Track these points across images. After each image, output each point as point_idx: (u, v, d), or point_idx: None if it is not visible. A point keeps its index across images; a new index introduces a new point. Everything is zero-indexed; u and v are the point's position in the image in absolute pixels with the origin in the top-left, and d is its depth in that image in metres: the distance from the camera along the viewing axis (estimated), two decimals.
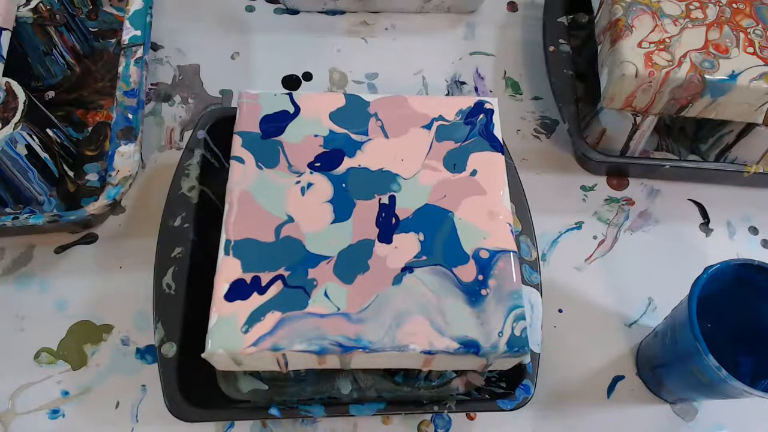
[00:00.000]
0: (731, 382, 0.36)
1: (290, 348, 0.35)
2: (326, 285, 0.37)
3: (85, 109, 0.54)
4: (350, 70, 0.59)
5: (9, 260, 0.48)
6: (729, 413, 0.46)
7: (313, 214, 0.39)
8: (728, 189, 0.55)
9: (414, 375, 0.42)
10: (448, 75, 0.60)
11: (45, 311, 0.47)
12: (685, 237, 0.53)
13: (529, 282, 0.43)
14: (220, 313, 0.36)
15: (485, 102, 0.44)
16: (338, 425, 0.44)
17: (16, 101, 0.45)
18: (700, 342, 0.37)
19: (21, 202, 0.48)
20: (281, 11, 0.62)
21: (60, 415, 0.43)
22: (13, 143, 0.44)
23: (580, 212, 0.53)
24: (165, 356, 0.39)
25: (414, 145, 0.42)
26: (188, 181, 0.45)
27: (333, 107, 0.43)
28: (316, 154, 0.41)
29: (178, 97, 0.57)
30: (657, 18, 0.48)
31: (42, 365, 0.45)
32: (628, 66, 0.46)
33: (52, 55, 0.53)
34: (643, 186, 0.55)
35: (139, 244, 0.49)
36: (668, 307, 0.43)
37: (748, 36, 0.48)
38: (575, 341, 0.48)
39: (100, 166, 0.51)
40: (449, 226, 0.39)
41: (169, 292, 0.41)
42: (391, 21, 0.62)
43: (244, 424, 0.44)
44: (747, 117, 0.48)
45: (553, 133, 0.57)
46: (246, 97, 0.43)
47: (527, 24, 0.63)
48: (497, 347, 0.36)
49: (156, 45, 0.59)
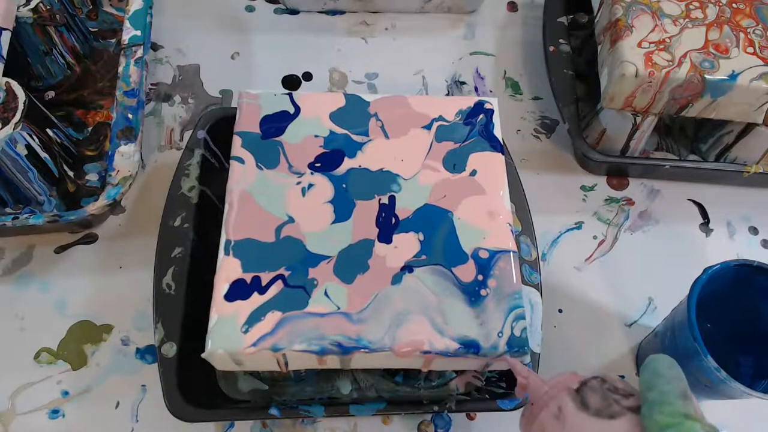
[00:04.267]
0: (730, 383, 0.36)
1: (290, 348, 0.35)
2: (326, 285, 0.37)
3: (85, 109, 0.54)
4: (350, 70, 0.59)
5: (9, 260, 0.48)
6: (729, 413, 0.46)
7: (313, 215, 0.39)
8: (728, 189, 0.55)
9: (414, 375, 0.42)
10: (448, 75, 0.60)
11: (45, 311, 0.47)
12: (685, 237, 0.53)
13: (529, 282, 0.43)
14: (220, 313, 0.36)
15: (485, 102, 0.44)
16: (338, 425, 0.44)
17: (16, 101, 0.45)
18: (699, 343, 0.37)
19: (21, 202, 0.48)
20: (281, 11, 0.62)
21: (60, 415, 0.43)
22: (13, 143, 0.44)
23: (580, 212, 0.53)
24: (165, 356, 0.39)
25: (414, 146, 0.42)
26: (188, 181, 0.45)
27: (333, 107, 0.43)
28: (316, 154, 0.41)
29: (178, 97, 0.57)
30: (657, 18, 0.48)
31: (42, 365, 0.45)
32: (628, 66, 0.46)
33: (52, 55, 0.53)
34: (643, 186, 0.55)
35: (139, 244, 0.49)
36: (668, 307, 0.43)
37: (748, 36, 0.48)
38: (575, 341, 0.48)
39: (100, 166, 0.51)
40: (449, 226, 0.39)
41: (169, 292, 0.41)
42: (391, 21, 0.62)
43: (244, 424, 0.44)
44: (747, 117, 0.48)
45: (553, 133, 0.57)
46: (246, 97, 0.43)
47: (527, 24, 0.63)
48: (497, 347, 0.36)
49: (156, 45, 0.59)
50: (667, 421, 0.26)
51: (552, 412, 0.30)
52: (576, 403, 0.29)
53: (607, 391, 0.30)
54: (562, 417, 0.29)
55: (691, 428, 0.26)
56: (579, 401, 0.29)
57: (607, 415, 0.28)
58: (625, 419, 0.28)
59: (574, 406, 0.29)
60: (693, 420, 0.26)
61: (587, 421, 0.29)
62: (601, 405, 0.29)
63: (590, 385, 0.30)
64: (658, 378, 0.28)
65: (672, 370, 0.29)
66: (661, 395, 0.27)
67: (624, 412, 0.28)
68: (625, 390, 0.30)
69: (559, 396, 0.30)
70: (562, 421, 0.29)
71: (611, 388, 0.30)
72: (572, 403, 0.30)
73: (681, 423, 0.26)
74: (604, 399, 0.29)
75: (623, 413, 0.28)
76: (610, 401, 0.29)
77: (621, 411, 0.28)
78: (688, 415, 0.26)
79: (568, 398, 0.30)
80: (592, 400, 0.29)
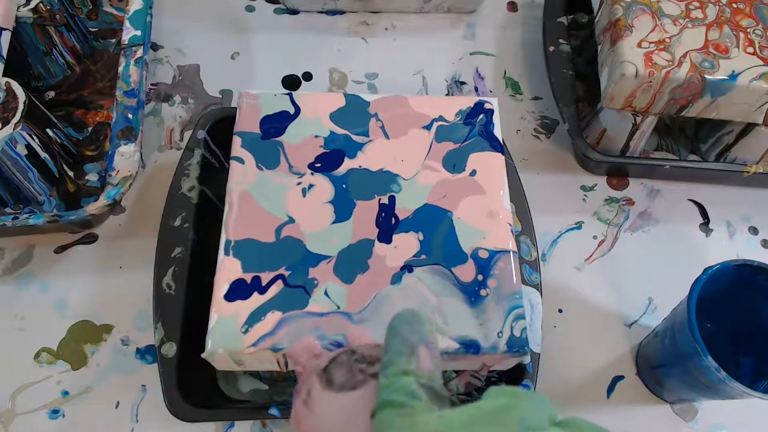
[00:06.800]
0: (730, 383, 0.36)
1: (290, 348, 0.35)
2: (326, 285, 0.37)
3: (85, 109, 0.54)
4: (350, 70, 0.59)
5: (9, 260, 0.48)
6: (729, 413, 0.46)
7: (313, 215, 0.39)
8: (728, 189, 0.55)
9: None
10: (448, 75, 0.60)
11: (45, 311, 0.47)
12: (685, 237, 0.53)
13: (529, 282, 0.43)
14: (220, 313, 0.36)
15: (485, 102, 0.44)
16: None
17: (16, 101, 0.45)
18: (699, 343, 0.37)
19: (21, 202, 0.48)
20: (281, 11, 0.62)
21: (60, 415, 0.43)
22: (13, 143, 0.44)
23: (580, 212, 0.53)
24: (165, 356, 0.39)
25: (414, 146, 0.42)
26: (188, 181, 0.45)
27: (333, 107, 0.43)
28: (316, 154, 0.41)
29: (178, 97, 0.57)
30: (657, 18, 0.48)
31: (42, 365, 0.45)
32: (628, 66, 0.46)
33: (52, 55, 0.53)
34: (643, 186, 0.55)
35: (139, 244, 0.49)
36: (668, 307, 0.43)
37: (748, 36, 0.48)
38: (575, 341, 0.48)
39: (100, 166, 0.51)
40: (448, 226, 0.39)
41: (169, 292, 0.41)
42: (391, 21, 0.62)
43: (244, 424, 0.44)
44: (747, 117, 0.48)
45: (553, 133, 0.57)
46: (246, 97, 0.43)
47: (527, 24, 0.63)
48: (497, 347, 0.36)
49: (156, 45, 0.59)
50: (386, 382, 0.25)
51: (302, 399, 0.28)
52: (322, 383, 0.28)
53: (354, 362, 0.28)
54: (310, 401, 0.28)
55: (404, 384, 0.24)
56: (325, 379, 0.28)
57: (350, 387, 0.27)
58: (366, 386, 0.27)
59: (320, 386, 0.28)
60: (409, 375, 0.25)
61: (332, 398, 0.27)
62: (346, 378, 0.28)
63: (338, 360, 0.29)
64: (395, 337, 0.27)
65: (410, 325, 0.27)
66: (391, 356, 0.26)
67: (366, 379, 0.27)
68: (372, 357, 0.28)
69: (308, 380, 0.29)
70: (310, 405, 0.28)
71: (358, 358, 0.28)
72: (319, 383, 0.28)
73: (396, 381, 0.25)
74: (350, 371, 0.28)
75: (366, 381, 0.27)
76: (355, 372, 0.28)
77: (364, 379, 0.27)
78: (406, 372, 0.25)
79: (316, 379, 0.28)
80: (337, 376, 0.28)
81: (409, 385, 0.24)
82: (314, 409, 0.28)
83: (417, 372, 0.25)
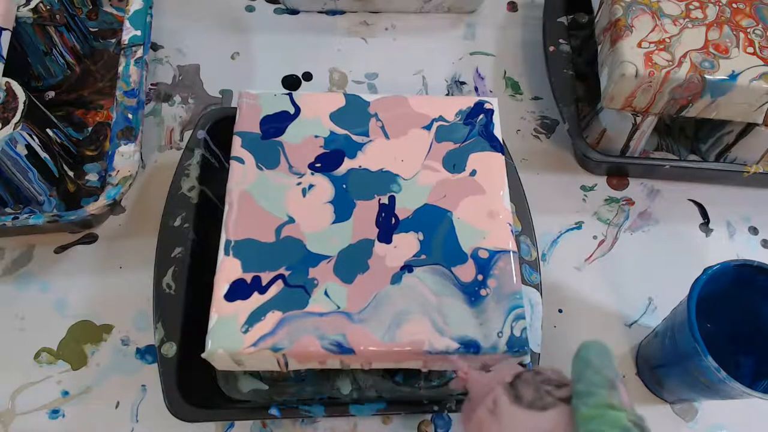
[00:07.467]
0: (730, 383, 0.36)
1: (290, 348, 0.35)
2: (326, 284, 0.37)
3: (85, 109, 0.54)
4: (350, 70, 0.59)
5: (9, 260, 0.48)
6: (729, 413, 0.46)
7: (313, 215, 0.39)
8: (728, 189, 0.55)
9: (414, 375, 0.42)
10: (448, 75, 0.60)
11: (45, 311, 0.47)
12: (685, 237, 0.53)
13: (529, 282, 0.43)
14: (220, 313, 0.36)
15: (485, 102, 0.44)
16: (338, 425, 0.44)
17: (16, 101, 0.45)
18: (699, 343, 0.37)
19: (21, 202, 0.48)
20: (281, 11, 0.62)
21: (60, 415, 0.43)
22: (13, 143, 0.44)
23: (580, 212, 0.53)
24: (165, 356, 0.39)
25: (414, 146, 0.42)
26: (188, 181, 0.45)
27: (333, 107, 0.43)
28: (316, 154, 0.41)
29: (178, 97, 0.57)
30: (657, 18, 0.48)
31: (42, 365, 0.45)
32: (628, 66, 0.46)
33: (52, 55, 0.53)
34: (643, 186, 0.55)
35: (139, 244, 0.49)
36: (668, 307, 0.43)
37: (748, 36, 0.48)
38: (575, 341, 0.47)
39: (100, 166, 0.51)
40: (448, 226, 0.39)
41: (169, 292, 0.41)
42: (391, 21, 0.62)
43: (244, 424, 0.44)
44: (747, 117, 0.48)
45: (553, 133, 0.57)
46: (246, 97, 0.43)
47: (527, 24, 0.63)
48: (497, 347, 0.36)
49: (156, 45, 0.59)
50: (591, 413, 0.26)
51: (487, 407, 0.30)
52: (510, 397, 0.29)
53: (540, 383, 0.29)
54: (497, 411, 0.29)
55: (615, 419, 0.25)
56: (513, 394, 0.29)
57: (540, 407, 0.28)
58: (557, 410, 0.28)
59: (508, 400, 0.29)
60: (617, 410, 0.26)
61: (521, 414, 0.28)
62: (534, 397, 0.29)
63: (523, 377, 0.30)
64: (587, 368, 0.28)
65: (601, 358, 0.28)
66: (588, 386, 0.27)
67: (556, 403, 0.28)
68: (558, 381, 0.30)
69: (494, 390, 0.30)
70: (498, 415, 0.29)
71: (544, 380, 0.30)
72: (506, 396, 0.29)
73: (604, 414, 0.25)
74: (537, 391, 0.29)
75: (555, 404, 0.28)
76: (542, 393, 0.29)
77: (553, 402, 0.28)
78: (612, 406, 0.26)
79: (503, 392, 0.30)
80: (525, 393, 0.29)
81: (621, 420, 0.25)
82: (502, 420, 0.29)
83: (623, 407, 0.26)
